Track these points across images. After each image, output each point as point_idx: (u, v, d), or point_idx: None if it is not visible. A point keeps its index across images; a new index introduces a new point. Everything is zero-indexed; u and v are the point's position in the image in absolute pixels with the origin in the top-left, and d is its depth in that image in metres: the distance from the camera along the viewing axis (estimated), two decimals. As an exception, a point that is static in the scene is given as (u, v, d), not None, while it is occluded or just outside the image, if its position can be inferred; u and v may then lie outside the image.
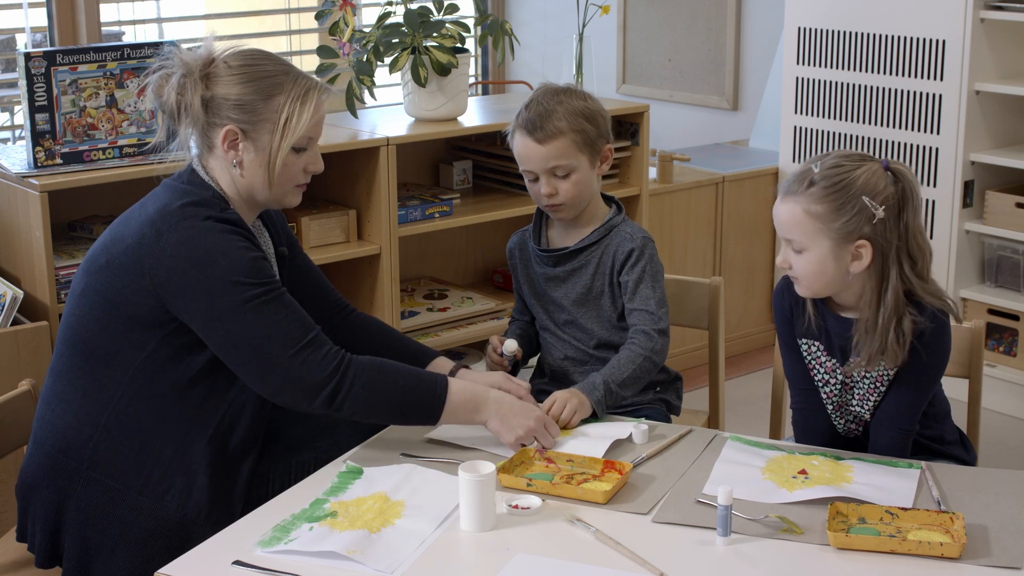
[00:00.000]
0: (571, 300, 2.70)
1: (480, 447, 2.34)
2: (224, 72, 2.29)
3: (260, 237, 2.47)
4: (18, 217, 3.26)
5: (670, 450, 2.33)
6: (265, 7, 6.74)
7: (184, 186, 2.31)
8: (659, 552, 1.95)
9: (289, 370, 2.20)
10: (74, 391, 2.30)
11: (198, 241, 2.21)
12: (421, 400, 2.28)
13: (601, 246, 2.69)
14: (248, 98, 2.28)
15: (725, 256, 4.78)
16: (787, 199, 2.28)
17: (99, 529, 2.25)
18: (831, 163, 2.26)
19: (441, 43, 3.78)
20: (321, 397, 2.21)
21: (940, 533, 1.99)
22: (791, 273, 2.32)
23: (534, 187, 2.66)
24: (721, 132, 5.51)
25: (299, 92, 2.30)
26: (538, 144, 2.60)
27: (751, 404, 4.16)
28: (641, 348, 2.59)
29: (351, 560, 1.93)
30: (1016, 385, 4.12)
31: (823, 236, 2.25)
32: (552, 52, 5.94)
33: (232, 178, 2.33)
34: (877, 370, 2.35)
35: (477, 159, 4.23)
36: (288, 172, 2.33)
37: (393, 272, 3.75)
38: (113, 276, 2.25)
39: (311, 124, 2.32)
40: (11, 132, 5.41)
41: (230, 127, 2.28)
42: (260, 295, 2.21)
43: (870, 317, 2.28)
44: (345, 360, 2.24)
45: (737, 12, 5.40)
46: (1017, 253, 4.23)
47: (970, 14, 4.10)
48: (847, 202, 2.23)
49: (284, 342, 2.20)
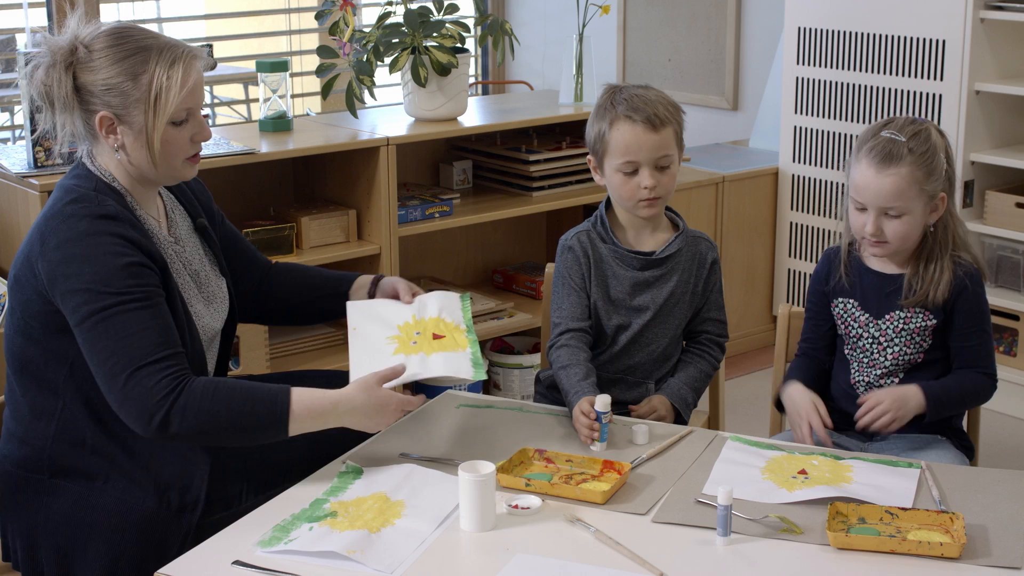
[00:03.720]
0: (656, 306, 2.64)
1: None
2: (87, 58, 2.22)
3: (175, 210, 2.44)
4: (18, 217, 3.26)
5: (670, 450, 2.33)
6: (265, 7, 6.74)
7: (70, 182, 2.28)
8: (659, 552, 1.95)
9: (123, 390, 2.13)
10: (21, 407, 2.30)
11: (71, 245, 2.17)
12: (262, 421, 2.18)
13: (683, 254, 2.66)
14: (114, 81, 2.21)
15: (725, 256, 4.78)
16: (888, 170, 2.37)
17: (69, 533, 2.25)
18: (909, 130, 2.39)
19: (441, 43, 3.78)
20: (153, 423, 2.13)
21: (940, 533, 1.99)
22: (878, 239, 2.41)
23: (630, 181, 2.56)
24: (721, 132, 5.51)
25: (165, 65, 2.22)
26: (652, 132, 2.53)
27: (751, 404, 4.16)
28: (715, 360, 2.71)
29: (351, 560, 1.93)
30: (1016, 385, 4.11)
31: (921, 197, 2.39)
32: (552, 52, 5.94)
33: (119, 162, 2.28)
34: (915, 322, 2.45)
35: (477, 159, 4.23)
36: (173, 147, 2.27)
37: (393, 272, 3.75)
38: (20, 289, 2.25)
39: (184, 95, 2.24)
40: (11, 132, 5.41)
41: (103, 113, 2.23)
42: (112, 305, 2.14)
43: (928, 259, 2.45)
44: (179, 387, 2.13)
45: (737, 12, 5.40)
46: (1017, 253, 4.23)
47: (970, 14, 4.10)
48: (936, 162, 2.40)
49: (123, 361, 2.13)
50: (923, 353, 2.49)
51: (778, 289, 4.93)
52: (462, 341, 2.40)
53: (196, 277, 2.42)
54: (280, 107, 3.74)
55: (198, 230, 2.48)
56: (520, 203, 4.05)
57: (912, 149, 2.37)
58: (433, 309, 2.49)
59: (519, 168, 4.12)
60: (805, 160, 4.74)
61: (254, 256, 2.67)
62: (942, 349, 2.50)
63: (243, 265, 2.62)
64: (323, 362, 3.66)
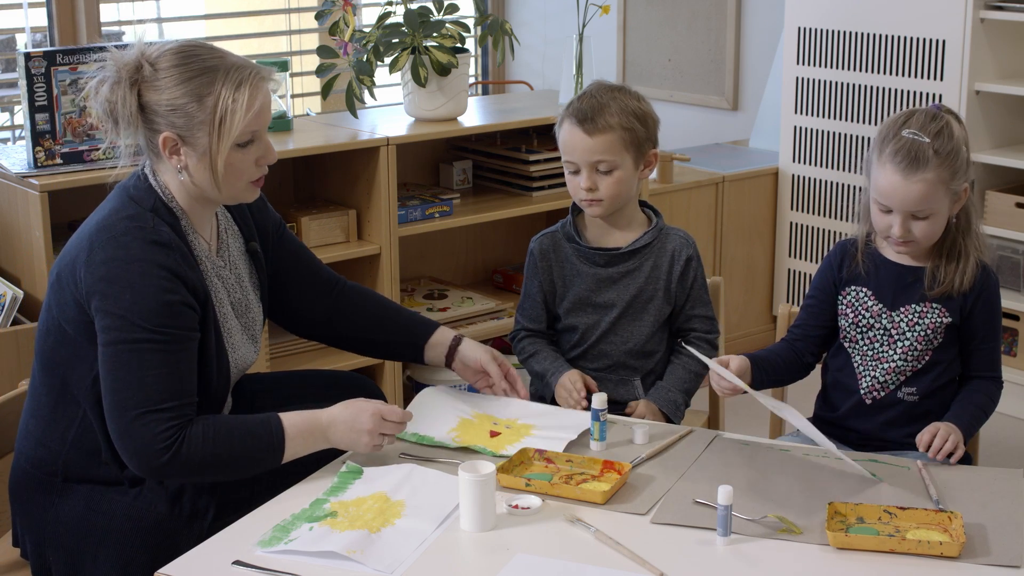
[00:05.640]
0: (624, 303, 2.65)
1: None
2: (152, 77, 2.19)
3: (229, 231, 2.42)
4: (18, 217, 3.26)
5: (670, 450, 2.33)
6: (265, 7, 6.74)
7: (130, 192, 2.25)
8: (659, 552, 1.95)
9: (128, 426, 2.13)
10: (42, 406, 2.29)
11: (118, 265, 2.14)
12: (259, 453, 2.20)
13: (653, 249, 2.67)
14: (179, 102, 2.18)
15: (725, 256, 4.78)
16: (914, 176, 2.33)
17: (80, 537, 2.25)
18: (932, 128, 2.35)
19: (441, 43, 3.78)
20: (149, 467, 2.13)
21: (939, 532, 1.99)
22: (903, 239, 2.38)
23: (573, 180, 2.62)
24: (721, 132, 5.51)
25: (231, 87, 2.18)
26: (586, 135, 2.56)
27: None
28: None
29: (351, 560, 1.93)
30: (1016, 385, 4.11)
31: (946, 195, 2.37)
32: (552, 52, 5.94)
33: (180, 183, 2.25)
34: (930, 317, 2.42)
35: (477, 159, 4.23)
36: (237, 170, 2.24)
37: (393, 272, 3.75)
38: (60, 289, 2.23)
39: (250, 118, 2.20)
40: (11, 132, 5.41)
41: (167, 134, 2.19)
42: (142, 341, 2.12)
43: (951, 248, 2.42)
44: (180, 436, 2.13)
45: (737, 12, 5.40)
46: (1017, 253, 4.23)
47: (970, 14, 4.10)
48: (960, 159, 2.36)
49: (140, 398, 2.12)
50: (932, 352, 2.45)
51: (778, 289, 4.93)
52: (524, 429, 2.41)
53: (238, 306, 2.39)
54: (280, 107, 3.74)
55: (249, 252, 2.45)
56: (520, 203, 4.05)
57: (937, 151, 2.32)
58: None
59: (519, 168, 4.12)
60: (805, 160, 4.74)
61: (318, 275, 2.59)
62: (951, 349, 2.46)
63: (302, 286, 2.53)
64: (323, 362, 3.66)
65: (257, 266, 2.47)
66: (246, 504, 2.25)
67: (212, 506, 2.24)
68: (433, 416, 2.43)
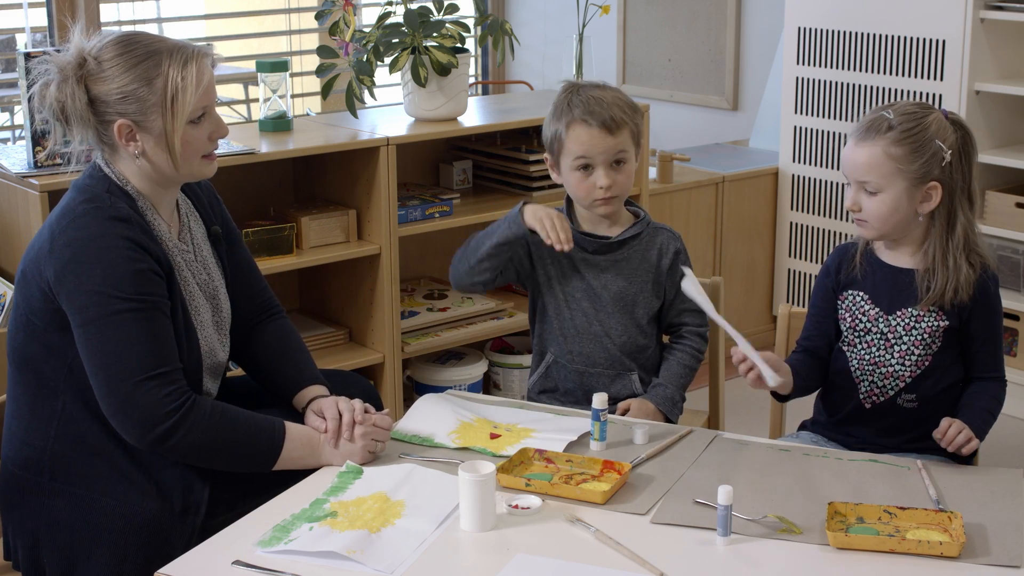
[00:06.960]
0: (611, 293, 2.66)
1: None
2: (97, 70, 2.22)
3: (191, 215, 2.42)
4: (18, 217, 3.26)
5: (670, 450, 2.33)
6: (265, 7, 6.75)
7: (83, 181, 2.28)
8: (659, 552, 1.95)
9: (129, 395, 2.14)
10: (21, 407, 2.30)
11: (83, 244, 2.17)
12: (258, 449, 2.22)
13: (641, 242, 2.68)
14: (129, 88, 2.21)
15: (725, 256, 4.78)
16: (864, 143, 2.37)
17: (73, 537, 2.24)
18: (904, 110, 2.38)
19: (441, 43, 3.78)
20: (153, 434, 2.14)
21: (939, 532, 1.99)
22: (860, 216, 2.41)
23: (586, 179, 2.60)
24: (721, 132, 5.52)
25: (178, 66, 2.22)
26: (607, 134, 2.56)
27: (751, 404, 4.16)
28: (698, 352, 2.70)
29: (351, 560, 1.93)
30: (1016, 385, 4.11)
31: (899, 177, 2.36)
32: (552, 52, 5.94)
33: (138, 168, 2.27)
34: (927, 321, 2.42)
35: (477, 159, 4.23)
36: (192, 146, 2.27)
37: (393, 272, 3.75)
38: (26, 284, 2.24)
39: (200, 93, 2.25)
40: (11, 132, 5.42)
41: (121, 122, 2.22)
42: (127, 309, 2.14)
43: (938, 256, 2.40)
44: (187, 403, 2.16)
45: (737, 12, 5.41)
46: (1017, 253, 4.23)
47: (970, 14, 4.10)
48: (922, 145, 2.35)
49: (134, 365, 2.14)
50: (931, 356, 2.44)
51: (778, 289, 4.93)
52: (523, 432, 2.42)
53: (205, 287, 2.39)
54: (280, 107, 3.74)
55: (212, 238, 2.46)
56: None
57: (894, 125, 2.35)
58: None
59: (519, 168, 4.12)
60: (805, 160, 4.74)
61: (257, 296, 2.55)
62: (951, 353, 2.45)
63: (240, 299, 2.49)
64: (323, 362, 3.66)
65: (219, 254, 2.46)
66: (239, 501, 2.25)
67: (204, 503, 2.24)
68: (433, 419, 2.44)
